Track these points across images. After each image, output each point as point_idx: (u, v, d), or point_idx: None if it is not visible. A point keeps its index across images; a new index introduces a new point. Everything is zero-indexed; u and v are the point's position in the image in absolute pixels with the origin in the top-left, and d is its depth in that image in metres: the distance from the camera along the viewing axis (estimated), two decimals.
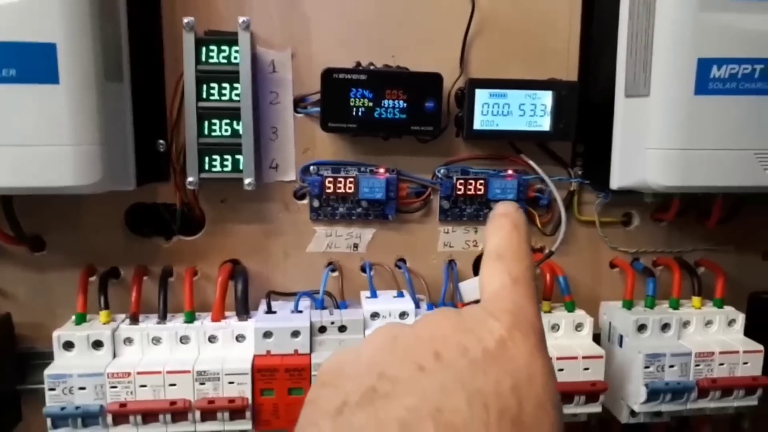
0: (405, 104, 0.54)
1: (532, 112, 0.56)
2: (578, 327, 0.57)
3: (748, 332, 0.58)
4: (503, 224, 0.30)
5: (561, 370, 0.53)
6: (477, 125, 0.55)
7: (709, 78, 0.50)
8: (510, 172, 0.59)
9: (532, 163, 0.58)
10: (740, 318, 0.58)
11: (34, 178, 0.44)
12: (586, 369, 0.53)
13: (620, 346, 0.58)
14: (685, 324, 0.57)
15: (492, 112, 0.56)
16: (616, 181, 0.57)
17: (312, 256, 0.59)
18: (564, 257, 0.61)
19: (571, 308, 0.58)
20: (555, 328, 0.57)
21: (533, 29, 0.59)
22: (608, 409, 0.58)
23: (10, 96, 0.43)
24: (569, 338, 0.56)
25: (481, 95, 0.55)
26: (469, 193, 0.58)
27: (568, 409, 0.54)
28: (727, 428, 0.65)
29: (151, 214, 0.57)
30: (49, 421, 0.48)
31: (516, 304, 0.27)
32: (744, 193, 0.57)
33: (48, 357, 0.55)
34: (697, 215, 0.62)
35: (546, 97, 0.56)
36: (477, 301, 0.56)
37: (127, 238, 0.57)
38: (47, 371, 0.49)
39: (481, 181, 0.58)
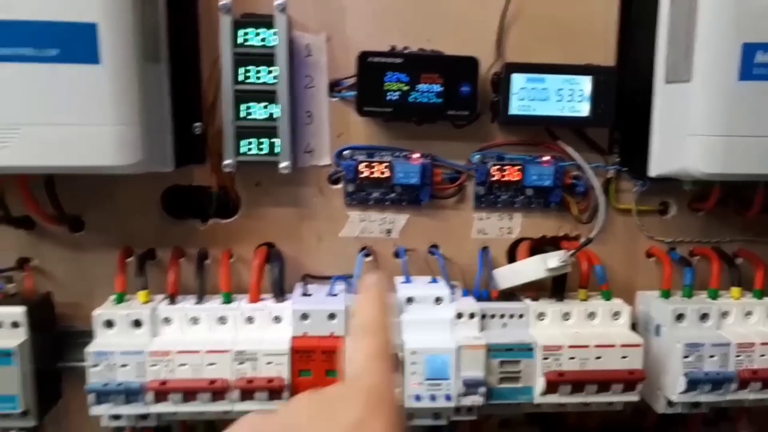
0: (441, 88, 0.54)
1: (570, 98, 0.55)
2: (615, 315, 0.56)
3: None
4: (367, 298, 0.33)
5: (599, 357, 0.52)
6: (513, 110, 0.55)
7: (753, 63, 0.49)
8: (546, 158, 0.58)
9: (569, 149, 0.58)
10: None
11: (74, 158, 0.45)
12: (624, 357, 0.53)
13: (657, 335, 0.57)
14: (724, 314, 0.56)
15: (529, 97, 0.55)
16: (654, 169, 0.56)
17: (345, 240, 0.59)
18: (599, 245, 0.60)
19: (607, 297, 0.57)
20: (592, 316, 0.56)
21: (570, 13, 0.58)
22: (643, 399, 0.58)
23: (52, 75, 0.43)
24: (606, 326, 0.56)
25: (518, 80, 0.55)
26: (505, 179, 0.57)
27: (605, 398, 0.53)
28: (765, 420, 0.64)
29: (186, 196, 0.57)
30: (91, 397, 0.49)
31: (373, 382, 0.30)
32: None
33: (86, 336, 0.56)
34: (735, 205, 0.61)
35: (585, 83, 0.55)
36: (512, 292, 0.56)
37: (164, 220, 0.57)
38: (89, 348, 0.49)
39: (518, 168, 0.57)
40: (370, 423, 0.28)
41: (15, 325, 0.52)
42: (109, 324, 0.51)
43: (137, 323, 0.52)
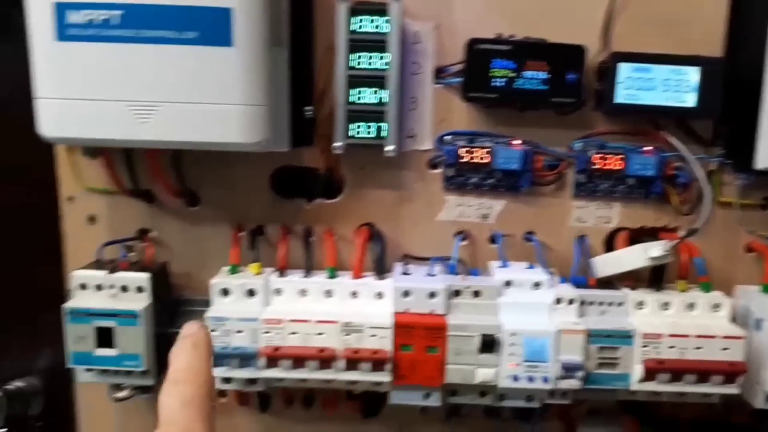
0: (546, 75, 0.55)
1: (677, 88, 0.55)
2: (715, 307, 0.56)
3: None
4: (183, 346, 0.34)
5: (699, 348, 0.52)
6: (619, 99, 0.55)
7: None
8: (649, 148, 0.58)
9: (673, 140, 0.57)
10: None
11: (206, 135, 0.48)
12: (725, 349, 0.52)
13: (757, 329, 0.56)
14: None
15: (635, 86, 0.55)
16: (762, 161, 0.55)
17: (442, 224, 0.61)
18: (698, 237, 0.59)
19: (707, 289, 0.57)
20: (691, 307, 0.56)
21: (677, 3, 0.57)
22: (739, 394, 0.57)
23: (189, 57, 0.47)
24: (706, 318, 0.55)
25: (624, 69, 0.55)
26: (606, 167, 0.58)
27: (703, 389, 0.53)
28: None
29: (293, 177, 0.60)
30: None
31: (185, 427, 0.31)
32: None
33: (197, 304, 0.60)
34: None
35: (692, 73, 0.55)
36: (609, 281, 0.57)
37: (272, 199, 0.60)
38: (209, 314, 0.53)
39: (620, 156, 0.58)
40: None
41: (140, 289, 0.56)
42: (225, 292, 0.55)
43: (251, 292, 0.55)
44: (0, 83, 0.60)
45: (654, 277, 0.57)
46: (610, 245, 0.60)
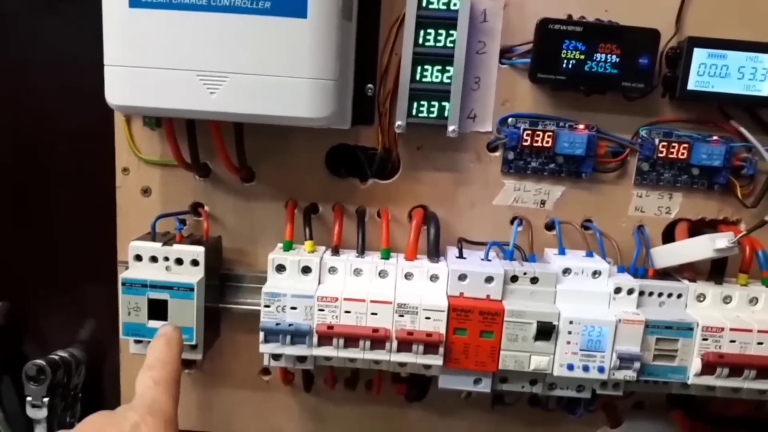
0: (618, 59, 0.53)
1: (752, 76, 0.54)
2: None
3: None
4: (159, 342, 0.46)
5: (760, 343, 0.51)
6: (692, 86, 0.54)
7: None
8: (715, 137, 0.57)
9: (743, 129, 0.56)
10: None
11: (274, 108, 0.47)
12: None
13: None
14: None
15: (709, 72, 0.54)
16: None
17: (497, 208, 0.60)
18: (761, 232, 0.58)
19: None
20: (753, 301, 0.55)
21: None
22: None
23: (262, 27, 0.46)
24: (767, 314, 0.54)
25: (699, 54, 0.53)
26: (671, 156, 0.56)
27: (761, 385, 0.52)
28: None
29: (348, 156, 0.60)
30: (262, 334, 0.52)
31: (153, 400, 0.40)
32: None
33: (245, 280, 0.60)
34: None
35: None
36: (668, 272, 0.55)
37: (327, 177, 0.60)
38: (265, 289, 0.53)
39: (686, 146, 0.56)
40: (148, 426, 0.38)
41: (195, 263, 0.55)
42: (281, 268, 0.54)
43: (306, 270, 0.54)
44: (64, 48, 0.60)
45: (715, 270, 0.56)
46: (668, 236, 0.59)
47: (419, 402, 0.63)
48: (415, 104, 0.54)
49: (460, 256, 0.57)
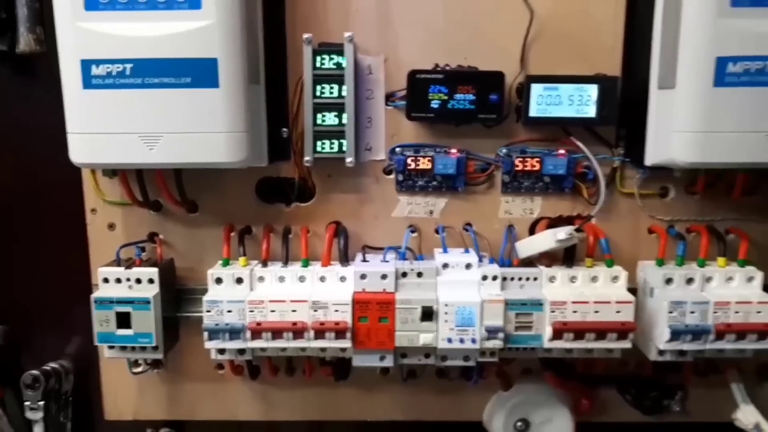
0: (473, 97, 0.68)
1: (580, 102, 0.68)
2: (614, 279, 0.69)
3: None
4: None
5: (597, 312, 0.66)
6: (533, 113, 0.68)
7: (725, 73, 0.61)
8: (561, 151, 0.71)
9: (579, 144, 0.71)
10: (759, 276, 0.68)
11: (200, 156, 0.61)
12: (618, 312, 0.65)
13: (651, 296, 0.69)
14: (708, 279, 0.68)
15: (546, 102, 0.68)
16: (649, 159, 0.68)
17: (396, 219, 0.74)
18: (608, 223, 0.73)
19: (610, 264, 0.70)
20: (594, 279, 0.69)
21: (583, 31, 0.70)
22: (641, 350, 0.70)
23: (185, 97, 0.60)
24: (606, 288, 0.69)
25: (536, 88, 0.68)
26: (526, 169, 0.71)
27: (603, 344, 0.66)
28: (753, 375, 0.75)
29: (274, 186, 0.74)
30: (206, 334, 0.66)
31: None
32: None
33: (198, 293, 0.74)
34: (726, 189, 0.72)
35: (592, 90, 0.68)
36: (531, 261, 0.70)
37: (257, 204, 0.74)
38: (205, 298, 0.67)
39: (537, 159, 0.71)
40: None
41: (151, 281, 0.69)
42: (219, 281, 0.69)
43: (239, 280, 0.68)
44: (36, 120, 0.75)
45: (566, 256, 0.70)
46: (533, 232, 0.73)
47: (345, 381, 0.76)
48: (319, 143, 0.69)
49: (364, 260, 0.71)
